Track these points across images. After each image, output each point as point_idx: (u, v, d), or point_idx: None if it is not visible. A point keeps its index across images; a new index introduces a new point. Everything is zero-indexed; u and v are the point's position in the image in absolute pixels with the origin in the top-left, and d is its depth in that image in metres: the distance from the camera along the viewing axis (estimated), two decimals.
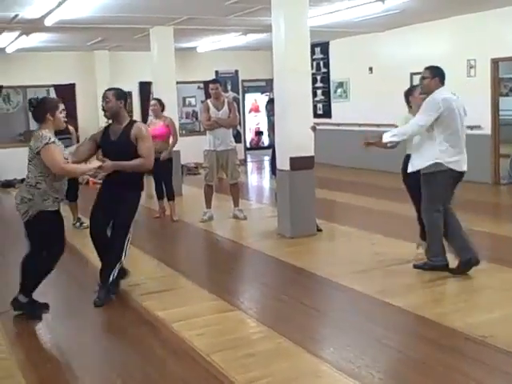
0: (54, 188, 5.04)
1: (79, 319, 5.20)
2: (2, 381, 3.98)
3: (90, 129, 14.07)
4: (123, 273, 5.68)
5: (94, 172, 5.55)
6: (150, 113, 9.26)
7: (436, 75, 5.69)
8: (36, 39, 11.48)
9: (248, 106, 18.61)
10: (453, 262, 5.77)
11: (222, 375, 3.87)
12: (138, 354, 4.38)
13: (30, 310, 5.07)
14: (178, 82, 11.68)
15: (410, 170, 5.85)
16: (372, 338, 4.52)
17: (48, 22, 9.27)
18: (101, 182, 13.03)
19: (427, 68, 5.79)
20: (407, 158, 6.03)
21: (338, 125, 14.30)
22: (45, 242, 5.13)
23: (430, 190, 5.73)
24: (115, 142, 5.48)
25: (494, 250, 7.04)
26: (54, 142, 4.95)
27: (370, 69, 13.48)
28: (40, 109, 5.06)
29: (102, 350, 4.51)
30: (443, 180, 5.67)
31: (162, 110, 8.91)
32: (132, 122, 5.53)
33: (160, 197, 9.08)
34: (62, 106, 5.10)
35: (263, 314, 5.15)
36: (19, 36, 11.01)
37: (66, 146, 8.11)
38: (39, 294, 5.99)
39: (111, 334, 4.81)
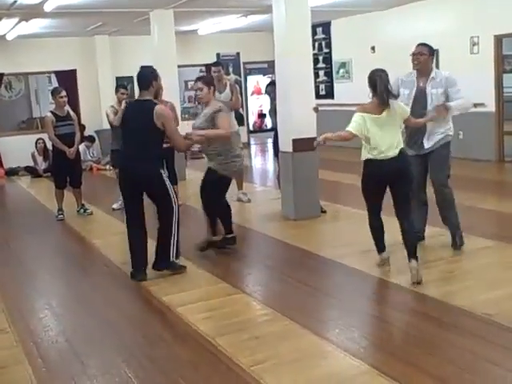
0: None
1: (84, 305, 5.22)
2: (10, 368, 4.00)
3: (91, 114, 14.12)
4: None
5: None
6: None
7: (432, 54, 5.76)
8: (36, 25, 11.42)
9: (250, 88, 18.53)
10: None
11: (228, 358, 3.89)
12: (143, 338, 4.40)
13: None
14: (179, 66, 11.62)
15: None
16: (377, 318, 4.53)
17: (47, 8, 9.23)
18: (105, 168, 13.13)
19: (424, 45, 5.77)
20: None
21: (341, 105, 14.21)
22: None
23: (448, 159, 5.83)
24: None
25: (498, 228, 7.02)
26: None
27: (373, 48, 13.38)
28: None
29: (107, 335, 4.52)
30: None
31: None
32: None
33: None
34: None
35: (268, 296, 5.16)
36: (19, 22, 10.96)
37: (68, 133, 8.23)
38: (45, 282, 6.04)
39: (116, 319, 4.82)
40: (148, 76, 5.54)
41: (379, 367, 3.64)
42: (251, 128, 18.06)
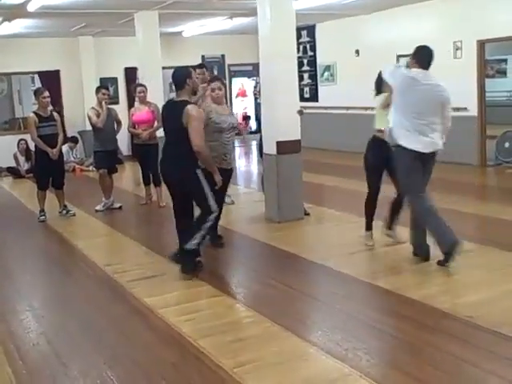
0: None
1: (66, 306, 5.19)
2: None
3: (75, 115, 14.04)
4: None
5: None
6: (136, 99, 9.21)
7: (413, 56, 5.51)
8: (19, 25, 11.36)
9: (235, 90, 18.52)
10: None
11: (211, 360, 3.88)
12: (125, 340, 4.38)
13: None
14: (163, 68, 11.59)
15: None
16: (359, 320, 4.54)
17: (31, 8, 9.17)
18: (88, 169, 13.03)
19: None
20: None
21: (325, 108, 14.28)
22: None
23: None
24: None
25: (480, 231, 7.09)
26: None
27: (357, 51, 13.44)
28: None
29: (88, 336, 4.49)
30: None
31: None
32: None
33: (146, 183, 9.05)
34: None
35: (251, 298, 5.16)
36: (2, 22, 10.89)
37: (51, 134, 8.18)
38: (27, 284, 5.99)
39: (98, 320, 4.79)
40: (181, 76, 5.51)
41: (361, 369, 3.65)
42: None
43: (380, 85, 5.85)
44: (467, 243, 5.91)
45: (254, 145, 15.58)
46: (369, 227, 6.27)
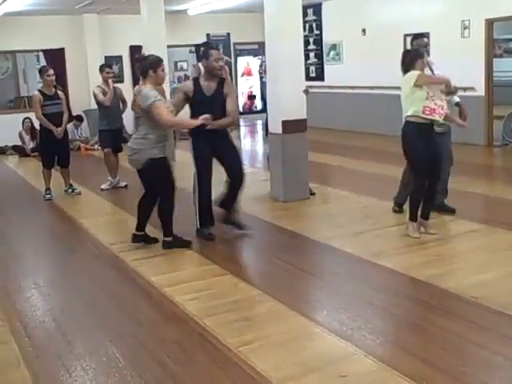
0: (163, 136, 5.60)
1: (72, 285, 5.21)
2: None
3: (80, 93, 14.00)
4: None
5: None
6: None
7: None
8: (23, 3, 11.29)
9: (240, 69, 18.42)
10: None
11: (216, 339, 3.89)
12: (130, 318, 4.39)
13: (178, 244, 5.81)
14: (169, 46, 11.52)
15: None
16: (365, 300, 4.54)
17: None
18: (93, 148, 13.01)
19: None
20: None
21: (331, 87, 14.19)
22: (158, 185, 5.77)
23: None
24: (211, 97, 5.93)
25: (486, 212, 7.07)
26: (159, 99, 5.42)
27: (363, 30, 13.31)
28: (144, 65, 5.57)
29: (94, 315, 4.51)
30: None
31: None
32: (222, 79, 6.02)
33: None
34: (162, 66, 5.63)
35: (256, 277, 5.17)
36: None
37: (56, 112, 8.16)
38: (32, 262, 6.01)
39: (103, 299, 4.81)
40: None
41: (366, 349, 3.66)
42: (241, 109, 17.97)
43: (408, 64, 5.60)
44: (473, 223, 5.90)
45: (259, 124, 15.54)
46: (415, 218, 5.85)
